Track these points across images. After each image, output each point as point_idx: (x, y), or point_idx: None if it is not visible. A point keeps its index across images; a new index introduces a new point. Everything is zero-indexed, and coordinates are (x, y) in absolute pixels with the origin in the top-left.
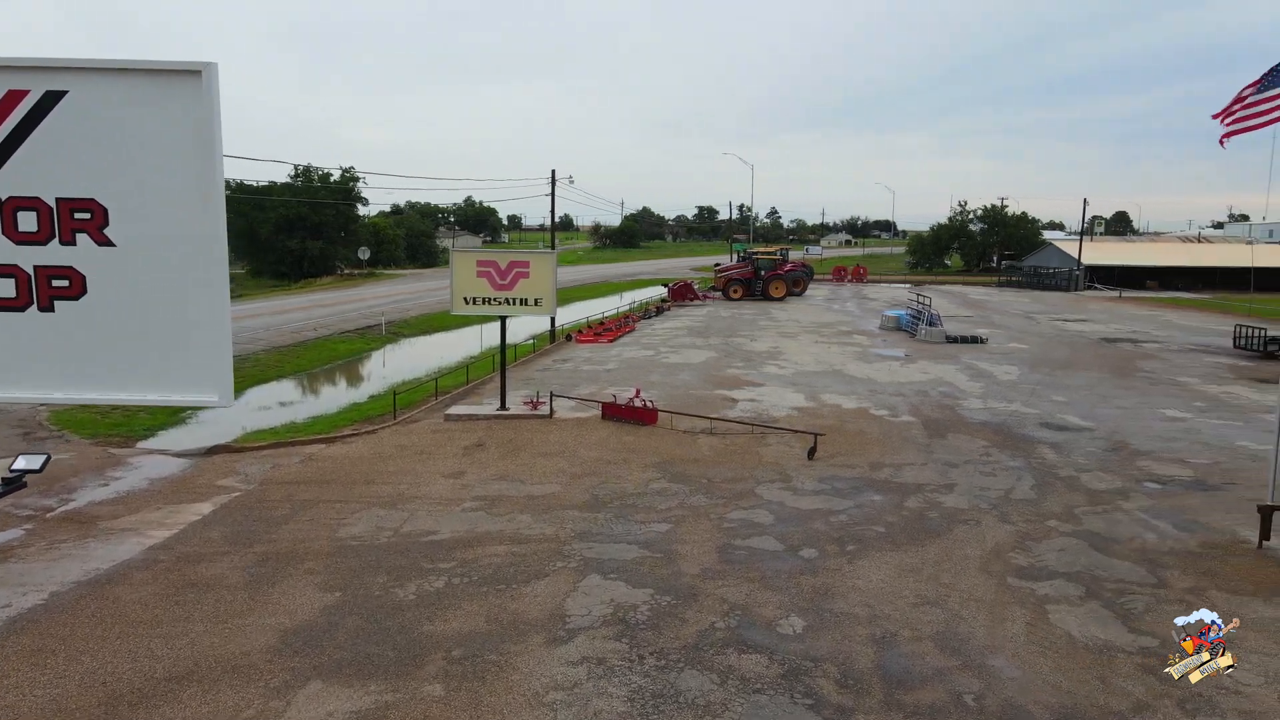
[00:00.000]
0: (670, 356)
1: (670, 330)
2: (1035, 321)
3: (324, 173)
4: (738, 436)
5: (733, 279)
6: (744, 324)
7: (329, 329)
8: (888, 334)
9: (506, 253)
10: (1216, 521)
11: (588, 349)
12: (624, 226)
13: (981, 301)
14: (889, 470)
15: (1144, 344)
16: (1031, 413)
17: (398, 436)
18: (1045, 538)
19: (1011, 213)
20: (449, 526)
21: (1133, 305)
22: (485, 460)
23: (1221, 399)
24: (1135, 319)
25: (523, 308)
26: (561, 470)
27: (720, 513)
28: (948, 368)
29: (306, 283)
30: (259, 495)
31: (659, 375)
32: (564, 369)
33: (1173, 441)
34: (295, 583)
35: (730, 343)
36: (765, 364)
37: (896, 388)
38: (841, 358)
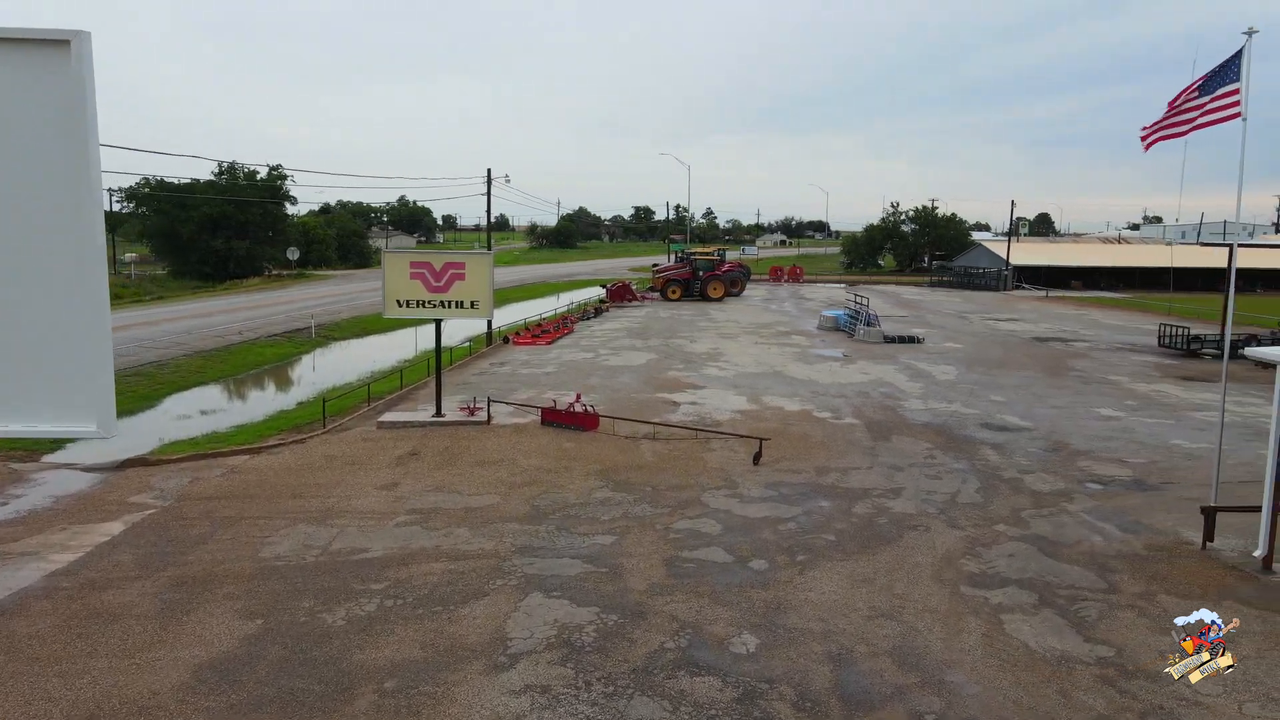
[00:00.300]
0: (610, 359)
1: (609, 332)
2: (968, 321)
3: (249, 170)
4: (681, 441)
5: (671, 279)
6: (683, 325)
7: (255, 332)
8: (826, 334)
9: (441, 254)
10: (1159, 522)
11: (526, 351)
12: (560, 227)
13: (915, 301)
14: (835, 475)
15: (1074, 343)
16: (971, 413)
17: (327, 446)
18: (995, 543)
19: (942, 214)
20: (382, 543)
21: (1059, 304)
22: (420, 470)
23: (1152, 397)
24: (1063, 318)
25: (458, 311)
26: (500, 480)
27: (666, 523)
28: (887, 368)
29: (232, 284)
30: (175, 512)
31: (599, 378)
32: (501, 372)
33: (1110, 441)
34: (212, 610)
35: (670, 344)
36: (706, 366)
37: (838, 389)
38: (782, 359)
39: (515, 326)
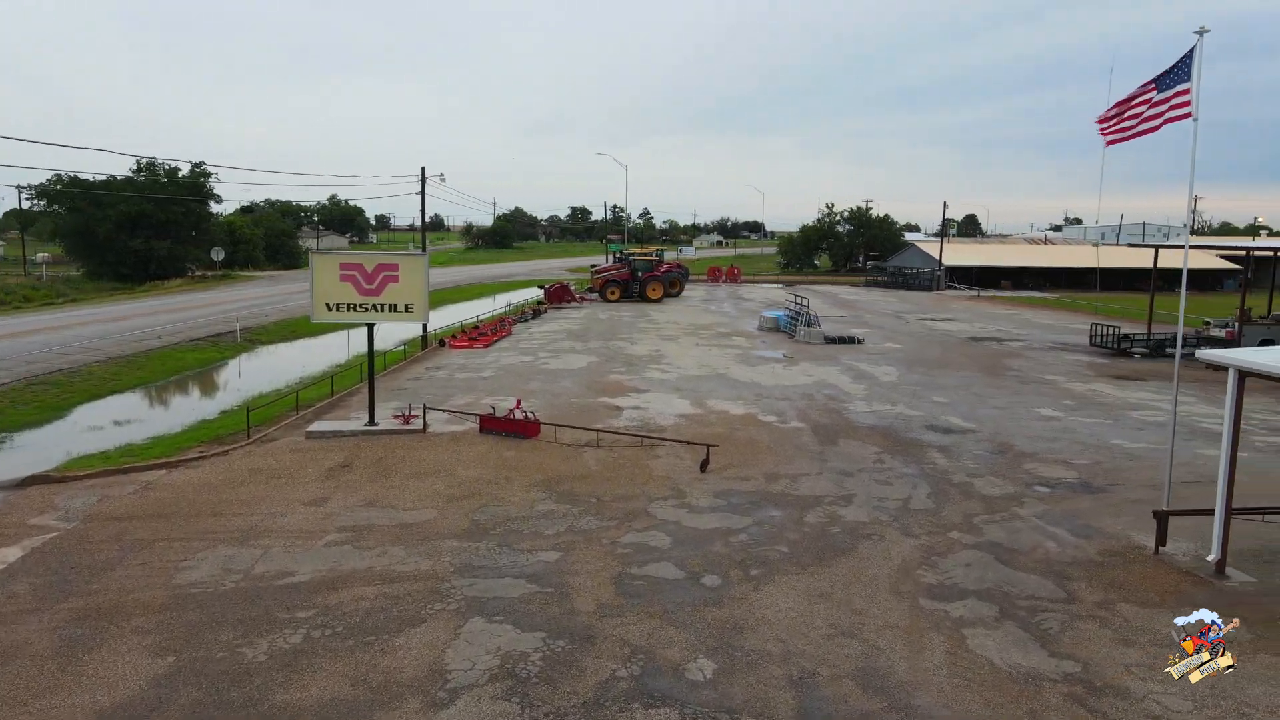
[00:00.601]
0: (550, 362)
1: (548, 334)
2: (905, 321)
3: (171, 167)
4: (626, 449)
5: (610, 280)
6: (623, 326)
7: (176, 336)
8: (767, 335)
9: (373, 255)
10: (1110, 526)
11: (462, 355)
12: (496, 227)
13: (852, 301)
14: (785, 482)
15: (1008, 342)
16: (916, 415)
17: (252, 458)
18: (950, 551)
19: (875, 215)
20: (309, 565)
21: (991, 304)
22: (352, 483)
23: (1088, 397)
24: (996, 318)
25: (392, 314)
26: (437, 493)
27: (613, 536)
28: (829, 369)
29: (153, 285)
30: (81, 535)
31: (539, 383)
32: (438, 377)
33: (1053, 442)
34: (119, 646)
35: (611, 346)
36: (648, 368)
37: (782, 391)
38: (724, 360)
39: (451, 329)
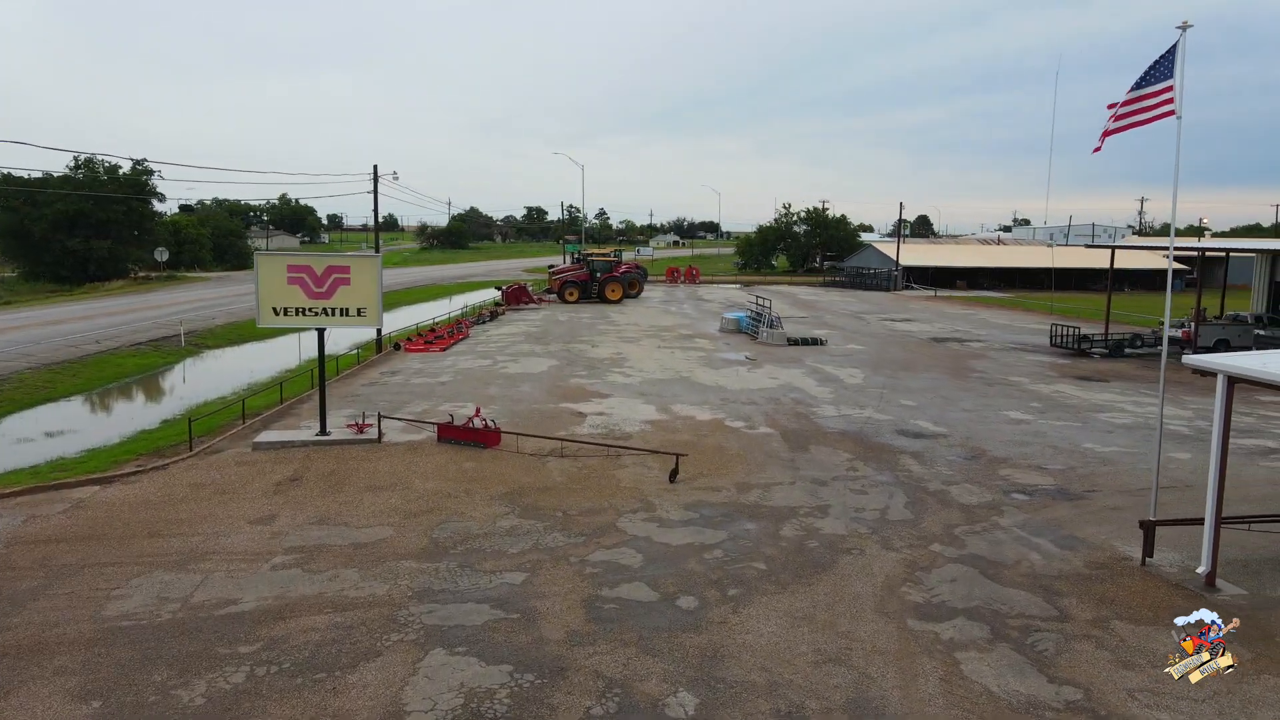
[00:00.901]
0: (509, 366)
1: (507, 337)
2: (865, 322)
3: (111, 164)
4: (591, 459)
5: (568, 281)
6: (583, 328)
7: (116, 341)
8: (729, 336)
9: (323, 256)
10: (1092, 535)
11: (418, 359)
12: (451, 227)
13: (812, 302)
14: (758, 492)
15: (969, 343)
16: (885, 419)
17: (194, 472)
18: (934, 565)
19: (832, 215)
20: (254, 592)
21: (948, 304)
22: (302, 499)
23: (1054, 399)
24: (954, 318)
25: (343, 319)
26: (394, 508)
27: (581, 554)
28: (794, 372)
29: (93, 287)
30: (3, 561)
31: (498, 388)
32: (393, 383)
33: (1025, 446)
34: (39, 690)
35: (571, 349)
36: (610, 372)
37: (748, 395)
38: (687, 363)
39: (407, 332)
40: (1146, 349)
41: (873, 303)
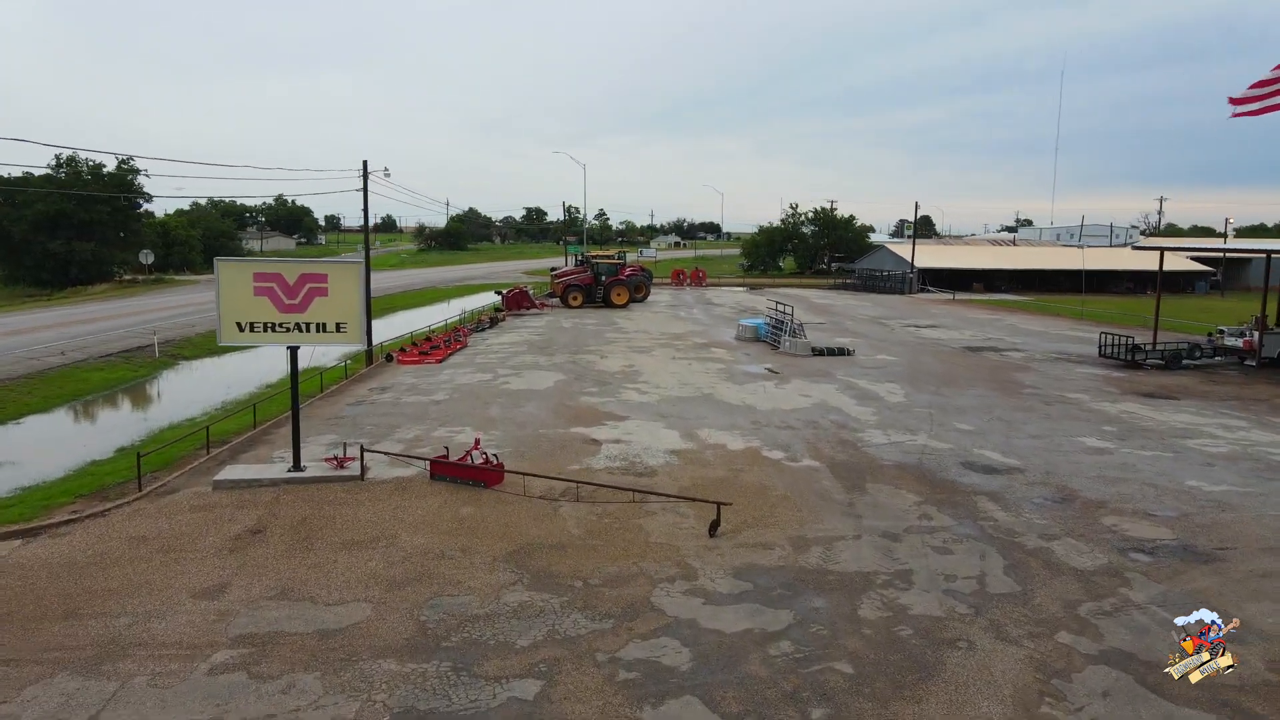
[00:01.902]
0: (511, 380)
1: (508, 346)
2: (889, 328)
3: (95, 163)
4: (611, 502)
5: (571, 285)
6: (590, 336)
7: (86, 351)
8: (747, 346)
9: (295, 263)
10: (1257, 617)
11: (412, 373)
12: (450, 228)
13: (826, 306)
14: (818, 550)
15: (1007, 353)
16: (944, 448)
17: (138, 521)
18: (1071, 668)
19: (840, 215)
20: (180, 714)
21: (970, 308)
22: (262, 560)
23: (1127, 421)
24: (981, 324)
25: (320, 335)
26: (374, 575)
27: (610, 648)
28: (827, 388)
29: (75, 291)
30: None
31: (500, 408)
32: (383, 402)
33: (1118, 484)
34: None
35: (579, 361)
36: (623, 388)
37: (782, 417)
38: (707, 377)
39: (400, 341)
40: (1206, 360)
41: (890, 307)
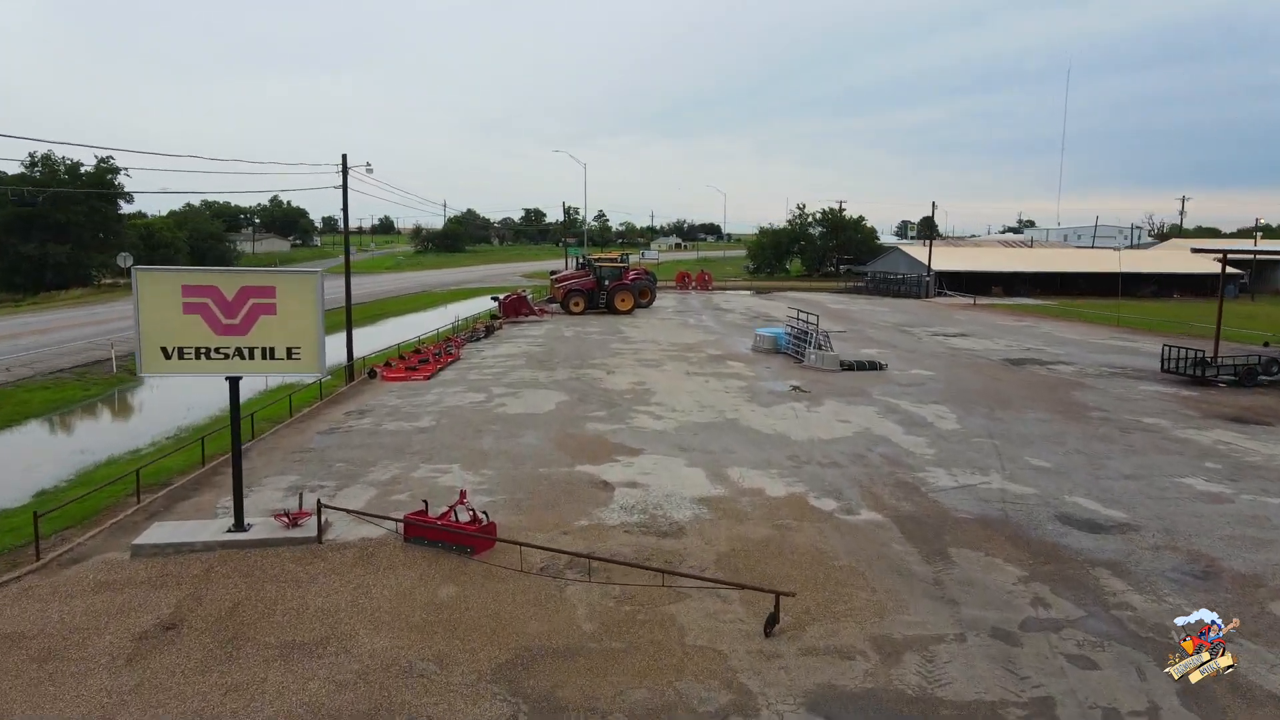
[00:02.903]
0: (508, 402)
1: (505, 359)
2: (915, 337)
3: (72, 162)
4: (631, 583)
5: (572, 290)
6: (594, 347)
7: (33, 367)
8: (766, 358)
9: (236, 274)
10: None
11: (397, 391)
12: (447, 229)
13: (842, 311)
14: (915, 661)
15: (1054, 366)
16: (1026, 493)
17: (22, 606)
18: None
19: (849, 216)
20: None
21: (994, 314)
22: (167, 677)
23: (1226, 454)
24: (1013, 332)
25: (267, 363)
26: (316, 703)
27: None
28: (866, 411)
29: (47, 296)
30: None
31: (494, 438)
32: (359, 429)
33: (1265, 550)
34: None
35: (583, 377)
36: (635, 412)
37: (822, 450)
38: (728, 397)
39: (387, 354)
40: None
41: (910, 312)
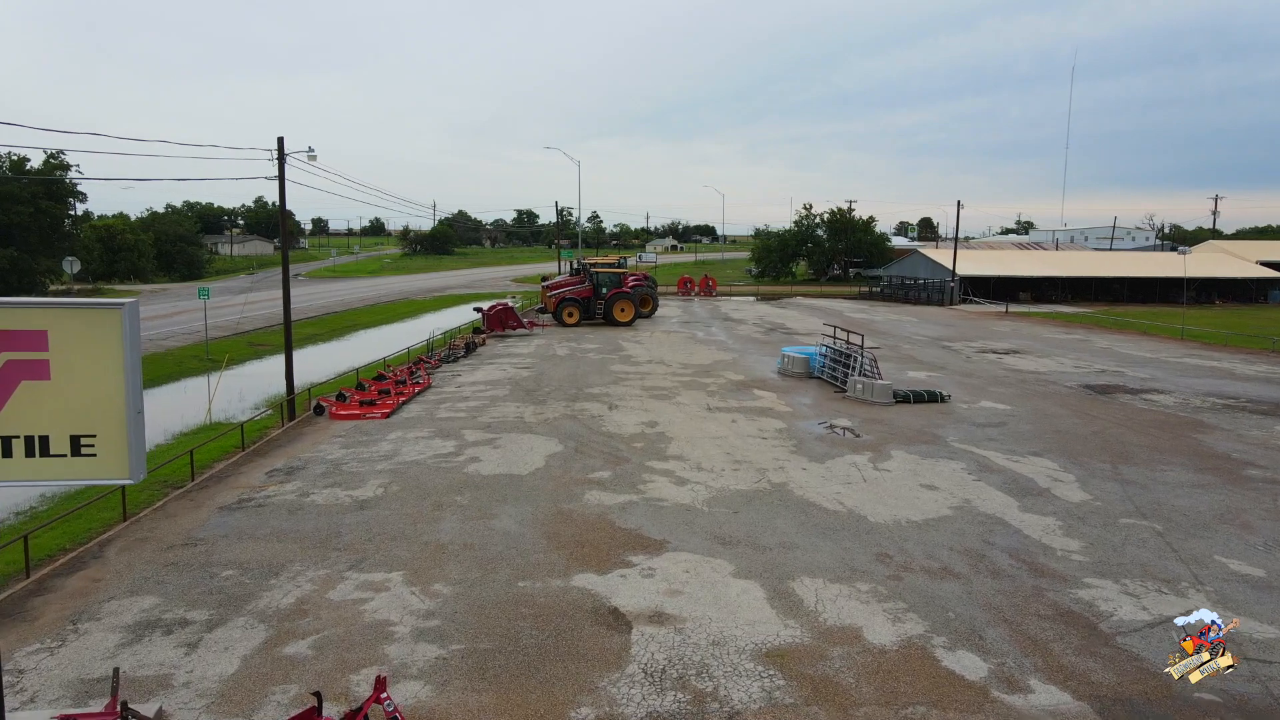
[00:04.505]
0: (482, 456)
1: (485, 388)
2: (962, 355)
3: (18, 157)
4: None
5: (567, 299)
6: (592, 371)
7: None
8: (798, 384)
9: None
10: None
11: (345, 436)
12: (436, 231)
13: (865, 321)
14: None
15: (1149, 395)
16: (1266, 633)
17: None
18: None
19: (859, 218)
20: None
21: (1035, 324)
22: None
23: None
24: (1069, 347)
25: (34, 463)
26: None
27: None
28: (952, 469)
29: None
30: None
31: (458, 520)
32: (277, 505)
33: None
34: None
35: (580, 414)
36: (649, 471)
37: (920, 542)
38: (767, 446)
39: (344, 380)
40: None
41: (942, 322)
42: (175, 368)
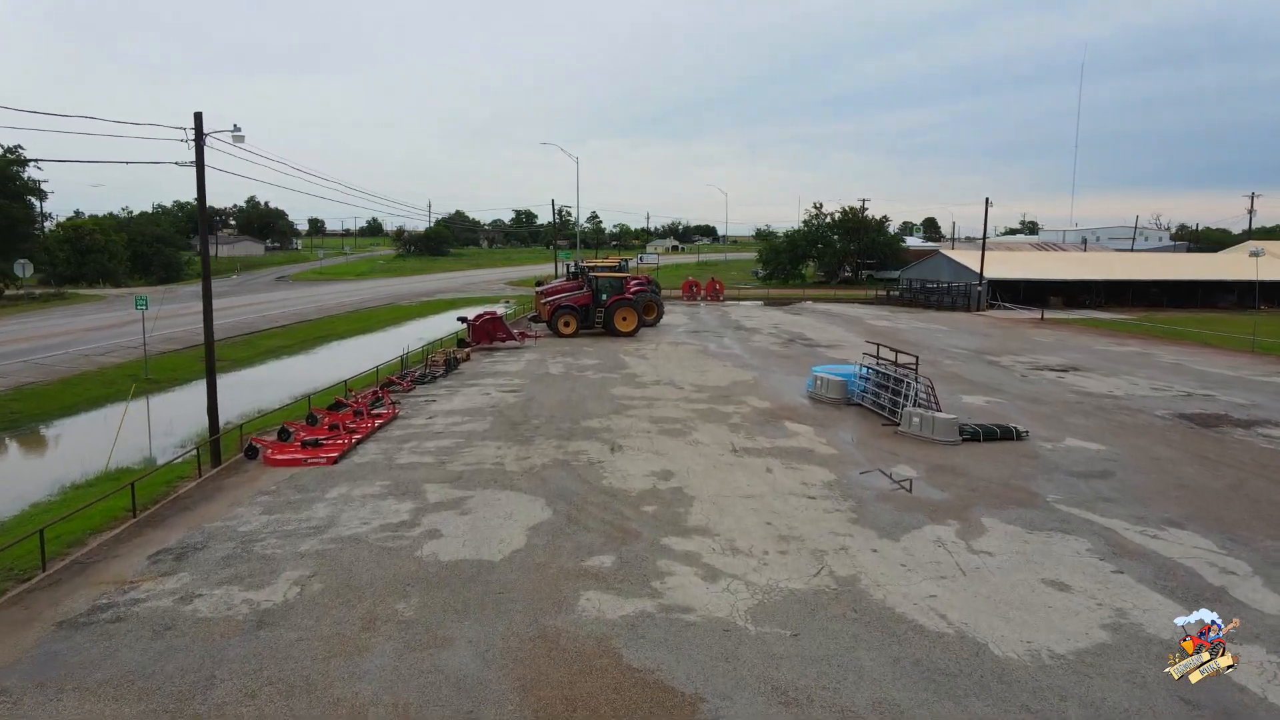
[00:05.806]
0: (442, 532)
1: (460, 422)
2: (1013, 372)
3: None
4: None
5: (563, 306)
6: (589, 395)
7: None
8: (835, 411)
9: None
10: None
11: (274, 491)
12: (432, 231)
13: (891, 330)
14: None
15: (1262, 428)
16: None
17: None
18: None
19: (872, 218)
20: None
21: (1079, 334)
22: None
23: None
24: (1130, 361)
25: None
26: None
27: None
28: (1074, 550)
29: None
30: None
31: (394, 650)
32: (147, 613)
33: None
34: None
35: (574, 460)
36: (666, 558)
37: (1076, 692)
38: (819, 513)
39: (294, 410)
40: None
41: (975, 331)
42: (103, 391)
